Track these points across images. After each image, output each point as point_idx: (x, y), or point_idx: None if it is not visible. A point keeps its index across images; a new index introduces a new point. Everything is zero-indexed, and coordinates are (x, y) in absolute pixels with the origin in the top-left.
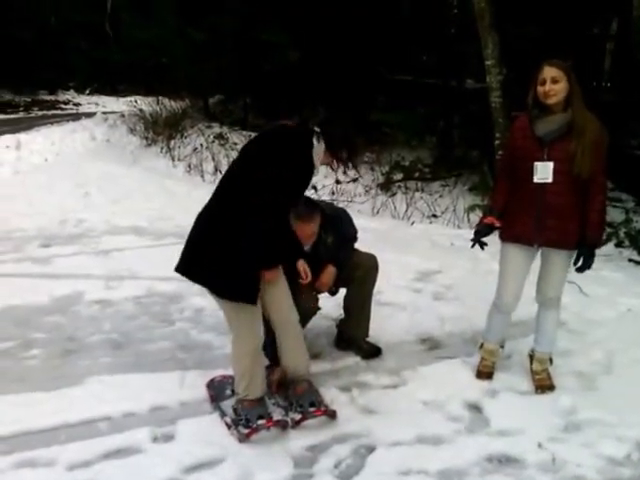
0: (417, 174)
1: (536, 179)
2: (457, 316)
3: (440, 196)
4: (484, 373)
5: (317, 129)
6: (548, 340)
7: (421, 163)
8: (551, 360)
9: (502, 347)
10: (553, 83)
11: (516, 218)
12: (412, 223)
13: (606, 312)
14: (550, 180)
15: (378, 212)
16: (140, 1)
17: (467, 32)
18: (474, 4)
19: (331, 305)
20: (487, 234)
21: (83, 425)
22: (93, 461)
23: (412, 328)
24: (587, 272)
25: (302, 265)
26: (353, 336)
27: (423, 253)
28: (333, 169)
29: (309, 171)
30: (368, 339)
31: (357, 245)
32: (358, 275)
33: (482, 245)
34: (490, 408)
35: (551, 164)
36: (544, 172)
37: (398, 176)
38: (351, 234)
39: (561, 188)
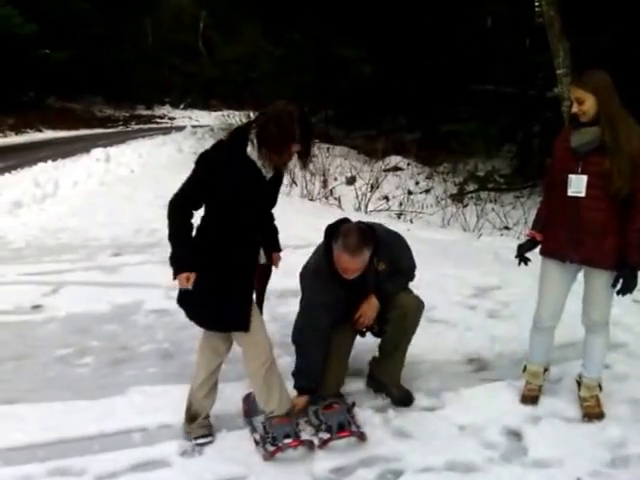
0: (491, 185)
1: (570, 192)
2: (510, 336)
3: (513, 208)
4: (529, 397)
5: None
6: (596, 366)
7: (497, 173)
8: (600, 387)
9: (546, 370)
10: (579, 104)
11: (551, 232)
12: (479, 236)
13: None
14: (583, 194)
15: (448, 223)
16: (229, 20)
17: (543, 41)
18: (543, 13)
19: None
20: (530, 249)
21: (118, 435)
22: (120, 473)
23: (461, 347)
24: None
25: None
26: (382, 381)
27: (484, 267)
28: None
29: (233, 174)
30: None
31: (417, 256)
32: (397, 314)
33: (526, 261)
34: (530, 435)
35: (585, 177)
36: (577, 185)
37: (472, 187)
38: (409, 266)
39: (597, 204)
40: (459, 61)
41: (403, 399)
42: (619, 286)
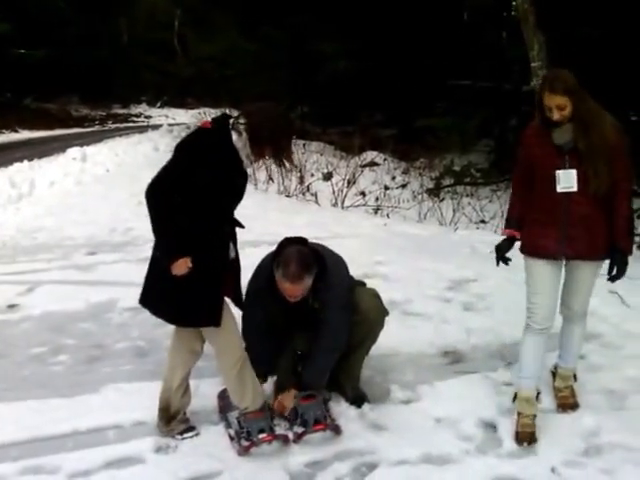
0: (468, 179)
1: (559, 188)
2: (485, 328)
3: (490, 201)
4: (525, 435)
5: (240, 125)
6: (572, 356)
7: (473, 168)
8: (575, 377)
9: (539, 393)
10: (560, 110)
11: (538, 231)
12: (456, 229)
13: None
14: (575, 189)
15: (425, 218)
16: (204, 17)
17: (519, 35)
18: (518, 6)
19: None
20: (509, 248)
21: (92, 433)
22: (93, 470)
23: (436, 340)
24: (634, 281)
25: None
26: (340, 381)
27: (460, 261)
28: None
29: (216, 165)
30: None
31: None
32: (357, 320)
33: (506, 261)
34: (505, 427)
35: (574, 172)
36: (568, 180)
37: (448, 181)
38: (337, 345)
39: (586, 197)
40: (436, 56)
41: (356, 400)
42: (614, 272)
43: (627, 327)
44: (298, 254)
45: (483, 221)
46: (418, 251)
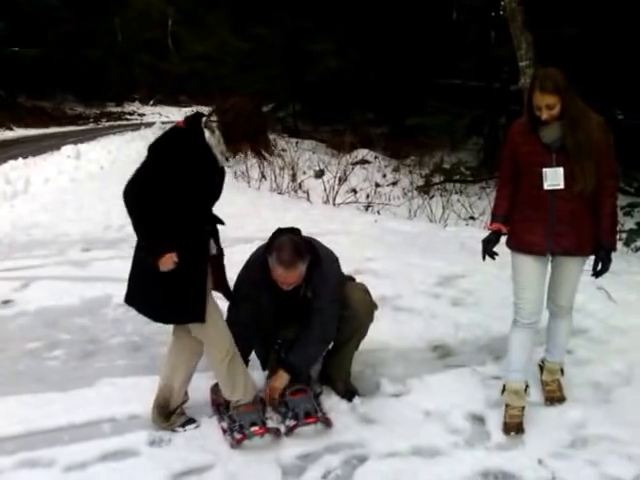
0: (457, 176)
1: (546, 186)
2: (473, 322)
3: (479, 198)
4: (512, 425)
5: (212, 123)
6: (559, 350)
7: (463, 165)
8: (562, 371)
9: (527, 387)
10: (549, 109)
11: (524, 227)
12: (445, 226)
13: (633, 319)
14: (562, 186)
15: (415, 214)
16: (196, 16)
17: (508, 34)
18: (506, 5)
19: None
20: (496, 242)
21: (88, 426)
22: (89, 463)
23: (425, 334)
24: (620, 277)
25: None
26: (331, 375)
27: (449, 257)
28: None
29: (191, 164)
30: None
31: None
32: (347, 315)
33: (493, 255)
34: (493, 420)
35: (561, 170)
36: (554, 178)
37: (438, 179)
38: (328, 336)
39: (572, 195)
40: (426, 56)
41: (346, 394)
42: (599, 268)
43: (613, 322)
44: (291, 242)
45: (472, 218)
46: (408, 247)
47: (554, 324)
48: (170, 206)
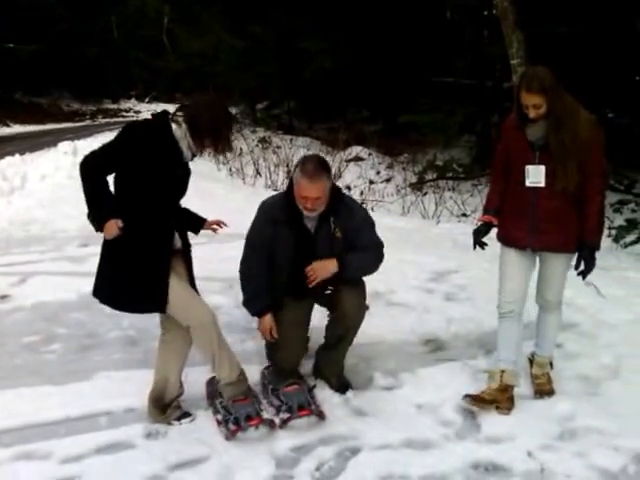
0: (450, 174)
1: (528, 183)
2: (465, 317)
3: (471, 195)
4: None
5: (178, 117)
6: (548, 344)
7: (455, 163)
8: (551, 364)
9: (504, 372)
10: (536, 108)
11: (510, 221)
12: (438, 223)
13: (622, 315)
14: (543, 184)
15: (408, 211)
16: (192, 14)
17: (500, 33)
18: (497, 4)
19: None
20: (487, 233)
21: (84, 419)
22: (85, 455)
23: (418, 329)
24: (610, 273)
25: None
26: (324, 370)
27: (443, 253)
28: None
29: (153, 153)
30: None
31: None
32: (338, 315)
33: (482, 245)
34: (483, 413)
35: (543, 168)
36: (536, 176)
37: (431, 176)
38: (373, 242)
39: (555, 193)
40: (419, 54)
41: (340, 387)
42: (581, 267)
43: (602, 317)
44: (316, 157)
45: (464, 214)
46: (402, 243)
47: (543, 318)
48: (129, 193)
